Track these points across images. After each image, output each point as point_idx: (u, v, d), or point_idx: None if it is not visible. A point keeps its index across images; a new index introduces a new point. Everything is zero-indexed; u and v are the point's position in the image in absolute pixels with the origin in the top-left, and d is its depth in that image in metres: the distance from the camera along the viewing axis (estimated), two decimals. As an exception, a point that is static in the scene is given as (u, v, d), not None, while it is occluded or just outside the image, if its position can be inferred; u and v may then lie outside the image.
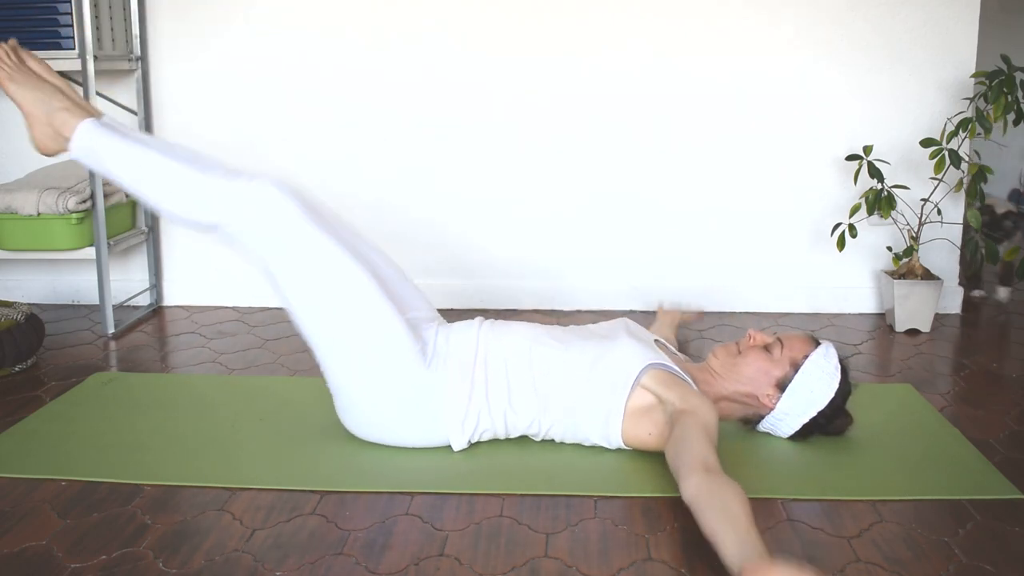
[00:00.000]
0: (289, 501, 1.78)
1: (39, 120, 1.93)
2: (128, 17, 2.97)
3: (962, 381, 2.45)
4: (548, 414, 1.94)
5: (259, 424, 2.14)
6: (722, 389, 1.98)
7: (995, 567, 1.54)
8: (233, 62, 3.07)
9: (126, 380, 2.45)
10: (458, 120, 3.06)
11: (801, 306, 3.13)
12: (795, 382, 1.93)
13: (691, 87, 3.01)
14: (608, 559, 1.57)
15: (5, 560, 1.57)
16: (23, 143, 3.18)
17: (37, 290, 3.27)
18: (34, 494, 1.81)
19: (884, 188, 2.83)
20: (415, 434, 1.94)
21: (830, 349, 1.96)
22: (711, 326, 2.95)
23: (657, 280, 3.12)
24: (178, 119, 3.12)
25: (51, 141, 1.94)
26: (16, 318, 2.56)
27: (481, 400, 1.93)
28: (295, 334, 2.87)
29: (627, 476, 1.86)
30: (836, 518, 1.71)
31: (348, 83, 3.05)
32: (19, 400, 2.32)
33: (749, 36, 2.97)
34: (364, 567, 1.55)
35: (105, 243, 2.81)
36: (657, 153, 3.05)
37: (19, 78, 1.94)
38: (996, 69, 2.72)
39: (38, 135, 1.94)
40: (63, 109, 1.92)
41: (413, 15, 3.00)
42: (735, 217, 3.09)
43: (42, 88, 1.94)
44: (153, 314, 3.13)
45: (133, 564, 1.56)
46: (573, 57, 3.00)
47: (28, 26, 2.71)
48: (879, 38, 2.96)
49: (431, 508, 1.75)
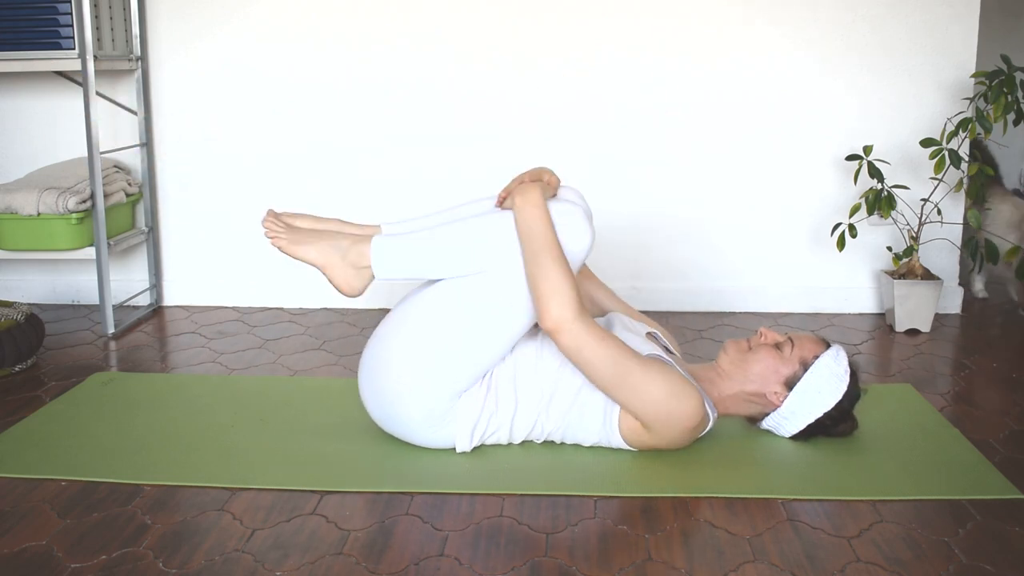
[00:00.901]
0: (289, 501, 1.78)
1: (336, 265, 1.94)
2: (128, 17, 2.97)
3: (962, 381, 2.45)
4: (550, 415, 1.94)
5: (259, 424, 2.14)
6: (728, 388, 1.98)
7: (995, 567, 1.55)
8: (233, 62, 3.07)
9: (126, 380, 2.45)
10: (458, 120, 3.05)
11: (801, 306, 3.13)
12: (803, 381, 1.93)
13: (691, 88, 3.01)
14: (608, 559, 1.57)
15: (5, 560, 1.57)
16: (23, 143, 3.18)
17: (37, 290, 3.27)
18: (34, 494, 1.81)
19: (884, 188, 2.83)
20: (428, 432, 1.94)
21: (841, 352, 1.96)
22: (711, 326, 2.95)
23: (657, 280, 3.12)
24: (178, 119, 3.12)
25: (354, 279, 1.95)
26: (16, 318, 2.56)
27: (492, 406, 1.93)
28: (295, 334, 2.88)
29: (627, 476, 1.86)
30: (836, 518, 1.71)
31: (348, 83, 3.05)
32: (19, 400, 2.32)
33: (748, 37, 2.97)
34: (364, 567, 1.55)
35: (105, 243, 2.81)
36: (657, 153, 3.05)
37: (298, 238, 1.95)
38: (996, 69, 2.72)
39: (340, 279, 1.95)
40: (351, 244, 1.93)
41: (414, 16, 3.00)
42: (735, 217, 3.09)
43: (322, 237, 1.96)
44: (153, 314, 3.13)
45: (133, 564, 1.56)
46: (571, 61, 3.00)
47: (28, 26, 2.71)
48: (879, 38, 2.96)
49: (431, 508, 1.75)
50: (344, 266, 1.94)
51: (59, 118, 3.15)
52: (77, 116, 3.08)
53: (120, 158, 3.14)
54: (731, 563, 1.56)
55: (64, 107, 3.14)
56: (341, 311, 3.13)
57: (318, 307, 3.17)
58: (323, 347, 2.75)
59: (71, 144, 3.14)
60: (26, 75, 3.11)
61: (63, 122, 3.15)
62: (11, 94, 3.16)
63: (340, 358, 2.65)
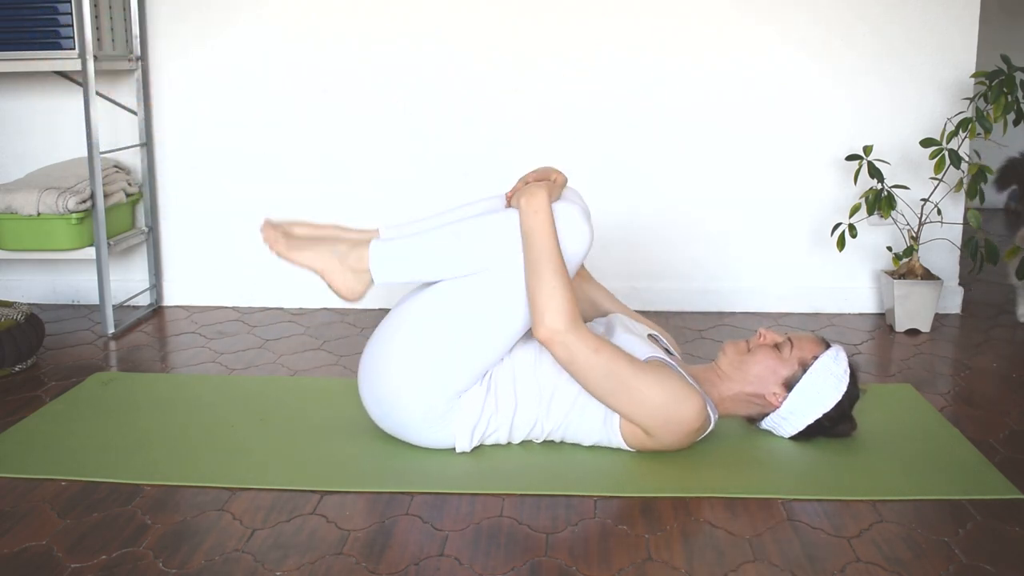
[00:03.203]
0: (289, 501, 1.78)
1: (335, 269, 1.94)
2: (128, 17, 2.97)
3: (962, 381, 2.45)
4: (551, 415, 1.94)
5: (259, 424, 2.14)
6: (728, 390, 1.98)
7: (995, 567, 1.55)
8: (233, 62, 3.07)
9: (126, 380, 2.45)
10: (458, 120, 3.05)
11: (801, 306, 3.13)
12: (803, 382, 1.93)
13: (691, 88, 3.01)
14: (608, 559, 1.57)
15: (5, 560, 1.57)
16: (23, 143, 3.18)
17: (37, 290, 3.27)
18: (34, 494, 1.81)
19: (884, 188, 2.83)
20: (428, 432, 1.93)
21: (840, 353, 1.96)
22: (711, 326, 2.95)
23: (656, 280, 3.12)
24: (178, 119, 3.12)
25: (354, 283, 1.95)
26: (16, 318, 2.56)
27: (492, 407, 1.93)
28: (295, 334, 2.88)
29: (627, 476, 1.86)
30: (836, 518, 1.71)
31: (348, 83, 3.05)
32: (19, 400, 2.32)
33: (748, 37, 2.97)
34: (364, 567, 1.55)
35: (105, 243, 2.81)
36: (657, 153, 3.05)
37: (296, 244, 1.96)
38: (996, 69, 2.72)
39: (339, 284, 1.95)
40: (349, 248, 1.93)
41: (414, 16, 3.00)
42: (735, 217, 3.09)
43: (320, 242, 1.96)
44: (153, 314, 3.13)
45: (133, 564, 1.56)
46: (571, 61, 3.00)
47: (28, 26, 2.71)
48: (879, 38, 2.96)
49: (431, 508, 1.75)
50: (343, 270, 1.94)
51: (59, 118, 3.15)
52: (77, 116, 3.08)
53: (120, 158, 3.14)
54: (731, 563, 1.56)
55: (64, 107, 3.14)
56: (341, 311, 3.13)
57: (318, 307, 3.17)
58: (323, 347, 2.75)
59: (71, 144, 3.14)
60: (26, 75, 3.11)
61: (63, 122, 3.15)
62: (11, 94, 3.16)
63: (340, 358, 2.65)
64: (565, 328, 1.79)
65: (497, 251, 1.88)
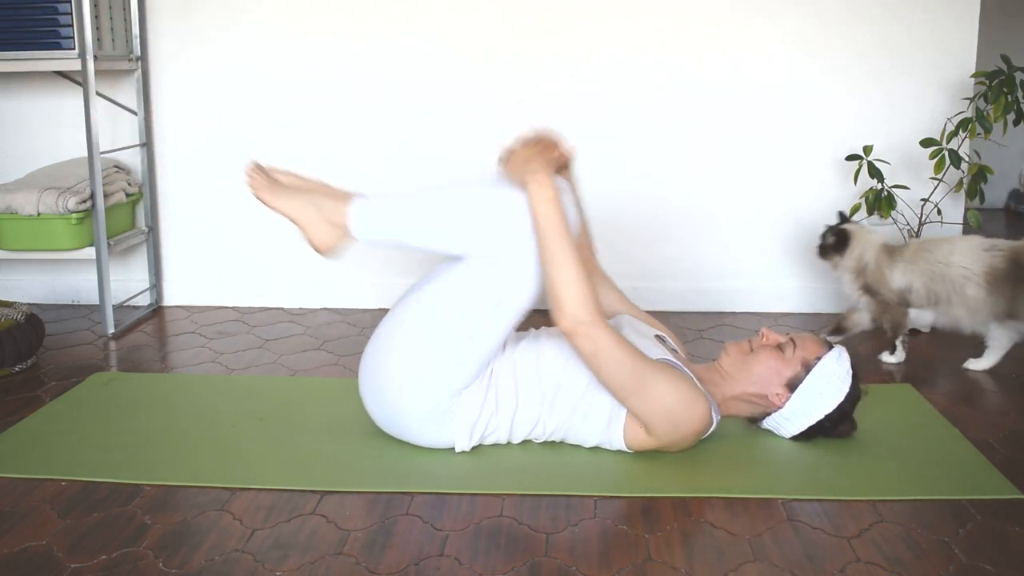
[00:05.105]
0: (289, 501, 1.78)
1: (311, 220, 1.93)
2: (128, 17, 2.97)
3: (962, 381, 2.45)
4: (552, 416, 1.94)
5: (259, 424, 2.14)
6: (730, 390, 1.98)
7: (995, 567, 1.55)
8: (233, 62, 3.07)
9: (126, 380, 2.45)
10: (458, 120, 3.05)
11: (801, 306, 3.13)
12: (805, 383, 1.93)
13: (691, 88, 3.01)
14: (608, 559, 1.57)
15: (5, 560, 1.57)
16: (23, 143, 3.18)
17: (37, 290, 3.27)
18: (34, 494, 1.81)
19: (884, 188, 2.83)
20: (428, 431, 1.93)
21: (843, 353, 1.96)
22: (712, 326, 2.95)
23: (657, 280, 3.12)
24: (178, 119, 3.12)
25: (328, 236, 1.94)
26: (16, 318, 2.56)
27: (492, 406, 1.93)
28: (295, 334, 2.88)
29: (627, 476, 1.86)
30: (836, 518, 1.71)
31: (348, 83, 3.05)
32: (19, 400, 2.32)
33: (748, 37, 2.97)
34: (364, 567, 1.55)
35: (105, 243, 2.81)
36: (657, 154, 3.05)
37: (278, 191, 1.95)
38: (996, 69, 2.72)
39: (314, 235, 1.94)
40: (331, 201, 1.92)
41: (414, 16, 3.00)
42: (735, 217, 3.09)
43: (301, 192, 1.95)
44: (153, 314, 3.13)
45: (133, 564, 1.56)
46: (571, 61, 3.00)
47: (28, 26, 2.71)
48: (879, 38, 2.96)
49: (431, 508, 1.75)
50: (320, 221, 1.93)
51: (59, 118, 3.15)
52: (77, 116, 3.08)
53: (120, 158, 3.14)
54: (731, 563, 1.56)
55: (64, 107, 3.14)
56: (341, 311, 3.13)
57: (318, 307, 3.17)
58: (323, 347, 2.75)
59: (71, 144, 3.14)
60: (26, 75, 3.11)
61: (63, 122, 3.15)
62: (11, 94, 3.16)
63: (340, 358, 2.65)
64: (590, 320, 1.77)
65: (485, 225, 1.84)
